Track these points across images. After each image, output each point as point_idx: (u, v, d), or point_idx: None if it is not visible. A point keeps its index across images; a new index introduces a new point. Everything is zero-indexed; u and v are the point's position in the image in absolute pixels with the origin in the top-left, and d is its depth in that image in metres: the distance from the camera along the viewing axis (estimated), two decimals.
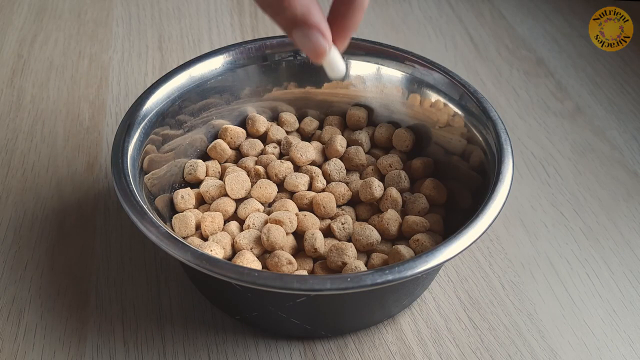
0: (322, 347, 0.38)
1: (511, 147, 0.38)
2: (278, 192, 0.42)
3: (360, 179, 0.44)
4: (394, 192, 0.41)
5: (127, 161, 0.37)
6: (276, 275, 0.32)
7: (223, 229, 0.40)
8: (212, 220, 0.39)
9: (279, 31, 0.65)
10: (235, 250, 0.38)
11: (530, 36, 0.66)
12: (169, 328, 0.39)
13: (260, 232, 0.38)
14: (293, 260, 0.37)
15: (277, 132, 0.47)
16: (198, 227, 0.40)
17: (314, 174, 0.43)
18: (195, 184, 0.44)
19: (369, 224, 0.41)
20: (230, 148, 0.46)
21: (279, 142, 0.46)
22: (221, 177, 0.44)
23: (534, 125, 0.55)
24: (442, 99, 0.43)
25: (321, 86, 0.48)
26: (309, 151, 0.44)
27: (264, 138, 0.47)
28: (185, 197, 0.41)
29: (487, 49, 0.64)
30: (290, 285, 0.31)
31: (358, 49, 0.46)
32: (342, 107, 0.48)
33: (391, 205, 0.41)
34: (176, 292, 0.41)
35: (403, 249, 0.37)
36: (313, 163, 0.44)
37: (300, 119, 0.48)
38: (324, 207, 0.40)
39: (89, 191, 0.47)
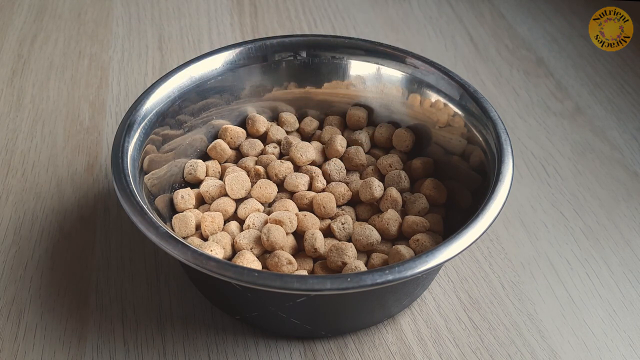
0: (322, 347, 0.38)
1: (511, 147, 0.38)
2: (278, 192, 0.42)
3: (360, 179, 0.44)
4: (394, 192, 0.41)
5: (127, 161, 0.37)
6: (276, 275, 0.32)
7: (223, 229, 0.40)
8: (212, 220, 0.39)
9: (279, 31, 0.65)
10: (235, 250, 0.38)
11: (530, 36, 0.66)
12: (169, 328, 0.39)
13: (260, 232, 0.38)
14: (293, 260, 0.37)
15: (277, 132, 0.47)
16: (198, 227, 0.40)
17: (314, 174, 0.43)
18: (195, 184, 0.44)
19: (369, 224, 0.41)
20: (230, 148, 0.46)
21: (279, 142, 0.46)
22: (221, 177, 0.44)
23: (534, 125, 0.55)
24: (442, 99, 0.43)
25: (321, 86, 0.48)
26: (309, 151, 0.44)
27: (264, 138, 0.47)
28: (185, 197, 0.41)
29: (487, 49, 0.64)
30: (290, 285, 0.31)
31: (358, 49, 0.46)
32: (342, 107, 0.48)
33: (391, 205, 0.41)
34: (176, 292, 0.41)
35: (403, 249, 0.37)
36: (313, 163, 0.44)
37: (300, 119, 0.48)
38: (324, 207, 0.40)
39: (89, 191, 0.47)
